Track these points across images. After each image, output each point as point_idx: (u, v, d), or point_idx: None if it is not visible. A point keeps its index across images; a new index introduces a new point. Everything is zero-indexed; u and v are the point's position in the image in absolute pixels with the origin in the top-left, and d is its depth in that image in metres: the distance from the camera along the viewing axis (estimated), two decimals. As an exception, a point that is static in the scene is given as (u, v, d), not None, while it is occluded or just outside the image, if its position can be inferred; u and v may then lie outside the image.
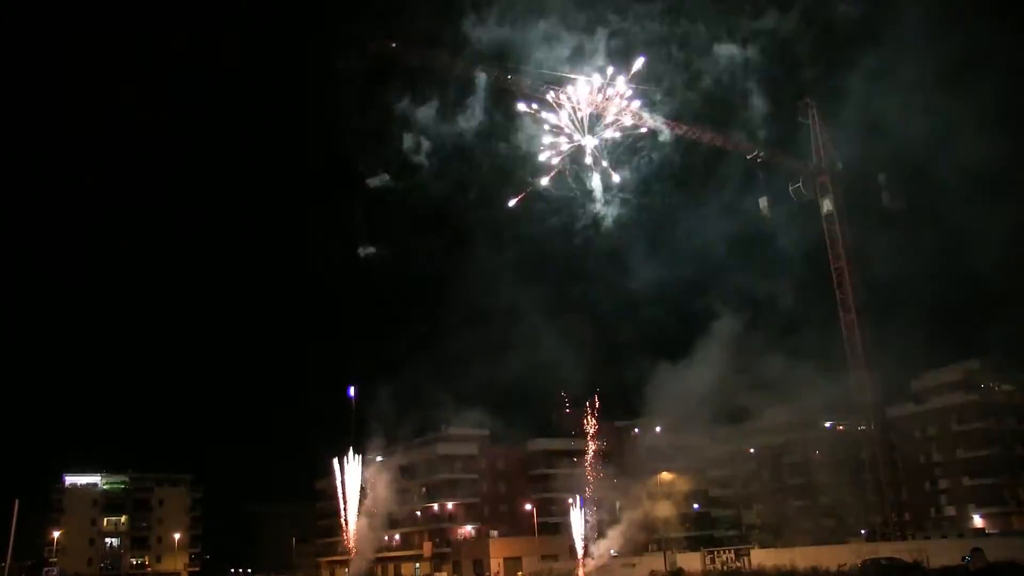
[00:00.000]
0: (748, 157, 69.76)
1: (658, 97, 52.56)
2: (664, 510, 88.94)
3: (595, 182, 50.66)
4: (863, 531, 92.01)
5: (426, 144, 55.94)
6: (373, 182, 59.99)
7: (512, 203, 53.73)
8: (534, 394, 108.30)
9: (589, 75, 48.23)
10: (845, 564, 58.65)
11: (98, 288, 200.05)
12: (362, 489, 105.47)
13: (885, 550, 61.06)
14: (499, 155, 54.24)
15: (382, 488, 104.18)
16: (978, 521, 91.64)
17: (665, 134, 55.90)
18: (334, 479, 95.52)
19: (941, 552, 56.30)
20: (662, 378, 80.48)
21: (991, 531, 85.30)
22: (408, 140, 56.21)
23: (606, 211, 53.63)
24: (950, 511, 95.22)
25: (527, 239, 73.80)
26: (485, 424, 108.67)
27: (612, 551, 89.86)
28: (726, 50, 54.78)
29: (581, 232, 57.96)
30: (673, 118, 57.12)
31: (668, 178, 58.24)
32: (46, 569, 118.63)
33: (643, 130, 53.24)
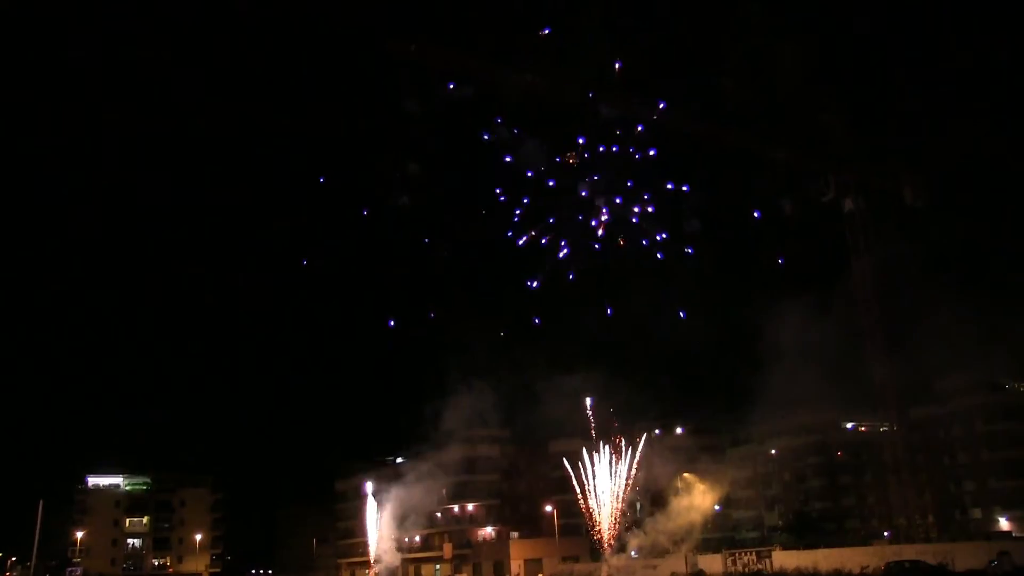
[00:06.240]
0: None
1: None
2: (685, 511, 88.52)
3: None
4: (886, 533, 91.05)
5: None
6: None
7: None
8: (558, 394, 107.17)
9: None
10: (868, 566, 58.19)
11: (120, 290, 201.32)
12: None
13: (909, 552, 60.25)
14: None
15: (403, 491, 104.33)
16: (1005, 524, 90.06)
17: None
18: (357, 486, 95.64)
19: (967, 555, 55.67)
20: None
21: (1018, 534, 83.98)
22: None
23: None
24: (976, 513, 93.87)
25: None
26: (507, 424, 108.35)
27: (633, 552, 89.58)
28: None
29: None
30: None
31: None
32: (69, 569, 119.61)
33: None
